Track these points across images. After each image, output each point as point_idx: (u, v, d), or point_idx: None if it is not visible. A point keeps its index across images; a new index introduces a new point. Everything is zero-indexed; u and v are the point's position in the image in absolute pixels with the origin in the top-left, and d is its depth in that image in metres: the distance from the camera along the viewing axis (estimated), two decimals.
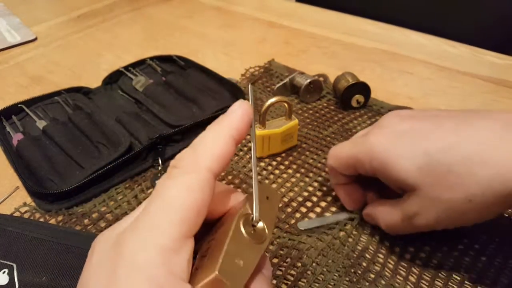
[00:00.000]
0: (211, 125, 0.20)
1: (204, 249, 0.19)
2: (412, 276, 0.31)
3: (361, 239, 0.34)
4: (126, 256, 0.16)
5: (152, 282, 0.16)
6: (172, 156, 0.44)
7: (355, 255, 0.33)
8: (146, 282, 0.16)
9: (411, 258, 0.32)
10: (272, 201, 0.22)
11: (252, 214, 0.20)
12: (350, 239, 0.34)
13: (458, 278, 0.31)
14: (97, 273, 0.17)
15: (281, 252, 0.33)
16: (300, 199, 0.38)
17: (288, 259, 0.33)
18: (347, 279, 0.31)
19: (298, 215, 0.37)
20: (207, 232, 0.21)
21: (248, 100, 0.21)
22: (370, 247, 0.33)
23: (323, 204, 0.38)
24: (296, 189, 0.39)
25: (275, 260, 0.33)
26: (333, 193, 0.39)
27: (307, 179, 0.40)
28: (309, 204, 0.38)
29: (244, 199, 0.21)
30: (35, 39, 0.70)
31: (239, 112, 0.20)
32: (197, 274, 0.18)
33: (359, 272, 0.31)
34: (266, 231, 0.20)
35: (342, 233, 0.35)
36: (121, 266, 0.16)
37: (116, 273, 0.16)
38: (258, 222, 0.20)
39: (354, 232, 0.35)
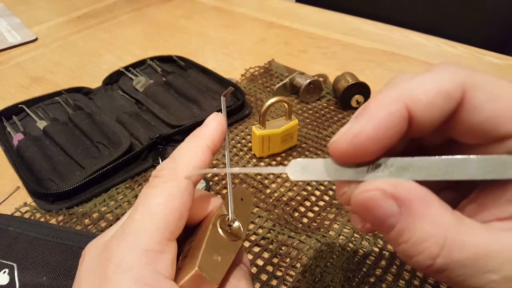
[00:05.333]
0: (189, 137, 0.22)
1: (185, 250, 0.21)
2: (416, 280, 0.31)
3: (363, 243, 0.34)
4: (114, 259, 0.18)
5: (138, 281, 0.17)
6: None
7: (355, 260, 0.33)
8: (133, 280, 0.17)
9: None
10: (246, 202, 0.23)
11: (228, 214, 0.22)
12: (350, 244, 0.34)
13: None
14: (88, 278, 0.19)
15: (281, 251, 0.34)
16: (299, 198, 0.38)
17: (288, 259, 0.33)
18: (346, 282, 0.31)
19: (296, 214, 0.37)
20: (189, 236, 0.22)
21: (221, 111, 0.23)
22: (373, 253, 0.33)
23: (321, 203, 0.38)
24: (295, 188, 0.40)
25: (275, 260, 0.33)
26: (331, 193, 0.39)
27: None
28: (307, 203, 0.38)
29: (221, 201, 0.23)
30: (36, 39, 0.70)
31: (213, 124, 0.22)
32: (180, 273, 0.19)
33: (359, 276, 0.31)
34: (241, 229, 0.22)
35: (341, 237, 0.35)
36: (110, 268, 0.18)
37: (106, 275, 0.18)
38: (233, 222, 0.22)
39: (356, 235, 0.35)
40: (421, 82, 0.16)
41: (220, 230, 0.21)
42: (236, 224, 0.22)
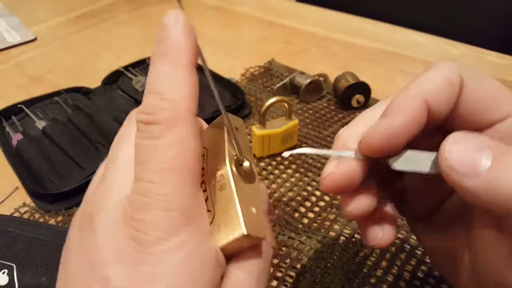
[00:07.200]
0: (158, 56, 0.17)
1: None
2: (416, 280, 0.31)
3: (364, 244, 0.34)
4: (151, 231, 0.15)
5: (183, 248, 0.15)
6: None
7: (356, 261, 0.32)
8: (178, 249, 0.15)
9: (416, 262, 0.32)
10: (241, 131, 0.20)
11: (237, 154, 0.18)
12: (351, 245, 0.34)
13: None
14: (116, 259, 0.15)
15: (281, 252, 0.33)
16: (299, 198, 0.38)
17: (288, 260, 0.33)
18: (347, 283, 0.31)
19: (297, 214, 0.37)
20: None
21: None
22: (373, 253, 0.33)
23: (321, 203, 0.38)
24: (295, 188, 0.39)
25: (275, 261, 0.33)
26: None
27: (306, 179, 0.40)
28: (308, 203, 0.38)
29: (221, 138, 0.19)
30: (35, 39, 0.70)
31: (179, 29, 0.17)
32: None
33: (360, 277, 0.31)
34: (253, 167, 0.19)
35: (342, 238, 0.34)
36: (148, 241, 0.15)
37: (148, 251, 0.15)
38: (244, 161, 0.19)
39: (357, 236, 0.34)
40: (428, 77, 0.19)
41: (239, 176, 0.18)
42: (247, 163, 0.19)
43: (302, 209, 0.37)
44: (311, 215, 0.37)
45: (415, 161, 0.18)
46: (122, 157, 0.18)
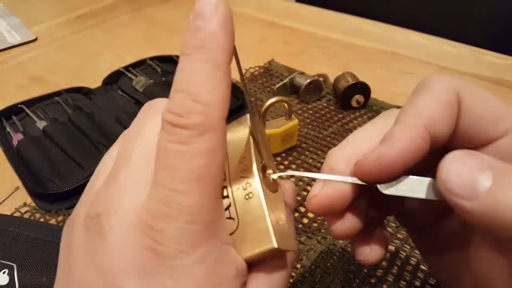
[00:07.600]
0: (192, 50, 0.15)
1: None
2: (417, 281, 0.31)
3: None
4: (171, 243, 0.14)
5: (204, 261, 0.15)
6: None
7: (356, 261, 0.32)
8: (199, 263, 0.15)
9: (416, 262, 0.32)
10: (264, 136, 0.19)
11: (262, 160, 0.18)
12: (350, 245, 0.34)
13: None
14: (132, 270, 0.15)
15: None
16: (299, 198, 0.38)
17: None
18: (347, 283, 0.31)
19: (296, 214, 0.37)
20: None
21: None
22: None
23: None
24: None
25: None
26: None
27: (306, 179, 0.40)
28: None
29: (246, 142, 0.18)
30: (35, 39, 0.70)
31: (220, 21, 0.15)
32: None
33: (360, 277, 0.31)
34: (276, 174, 0.18)
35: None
36: (166, 254, 0.15)
37: (163, 263, 0.14)
38: (267, 168, 0.18)
39: None
40: (425, 102, 0.18)
41: (266, 186, 0.17)
42: (271, 171, 0.18)
43: (302, 209, 0.37)
44: (311, 215, 0.37)
45: (406, 186, 0.17)
46: (137, 156, 0.17)
